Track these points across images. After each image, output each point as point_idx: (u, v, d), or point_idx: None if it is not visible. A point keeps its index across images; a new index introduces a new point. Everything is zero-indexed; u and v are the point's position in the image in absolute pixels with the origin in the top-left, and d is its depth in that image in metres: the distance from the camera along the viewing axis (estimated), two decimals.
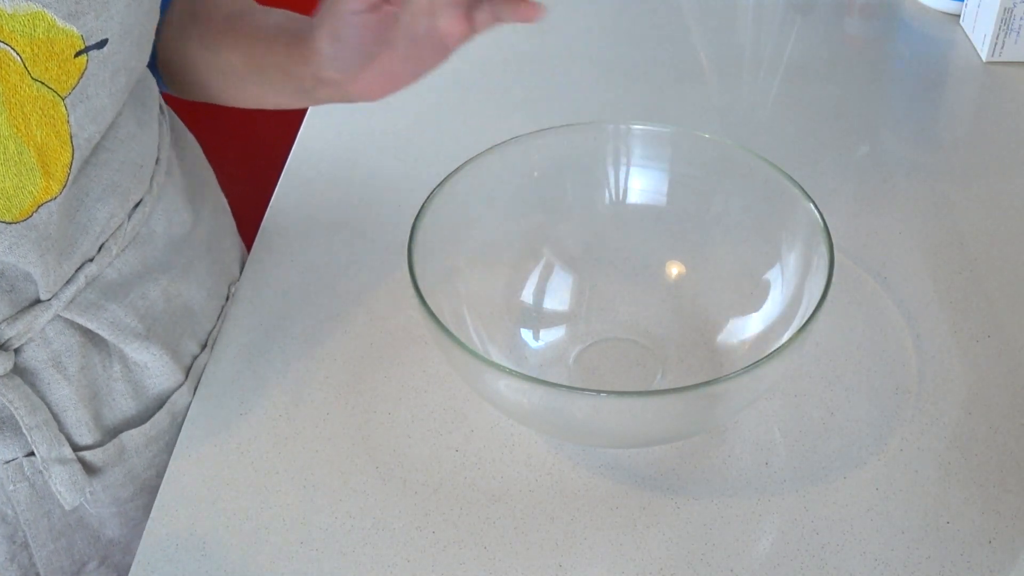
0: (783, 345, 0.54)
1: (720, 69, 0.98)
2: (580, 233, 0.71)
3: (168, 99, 0.73)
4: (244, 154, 1.29)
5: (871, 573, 0.56)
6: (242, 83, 0.68)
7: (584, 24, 1.05)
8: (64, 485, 0.61)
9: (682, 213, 0.69)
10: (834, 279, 0.57)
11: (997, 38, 0.95)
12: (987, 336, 0.69)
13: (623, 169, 0.70)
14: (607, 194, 0.70)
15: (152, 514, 0.60)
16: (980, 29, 0.97)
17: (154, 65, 0.70)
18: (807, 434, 0.63)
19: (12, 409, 0.58)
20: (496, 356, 0.64)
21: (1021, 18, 0.94)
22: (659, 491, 0.60)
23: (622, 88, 0.95)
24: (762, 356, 0.53)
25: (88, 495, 0.63)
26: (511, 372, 0.54)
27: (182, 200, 0.69)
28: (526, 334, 0.68)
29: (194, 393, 0.67)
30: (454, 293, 0.64)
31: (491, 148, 0.66)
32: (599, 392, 0.53)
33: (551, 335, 0.69)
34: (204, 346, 0.70)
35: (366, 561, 0.57)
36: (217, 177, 0.79)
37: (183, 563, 0.57)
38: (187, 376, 0.67)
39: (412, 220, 0.60)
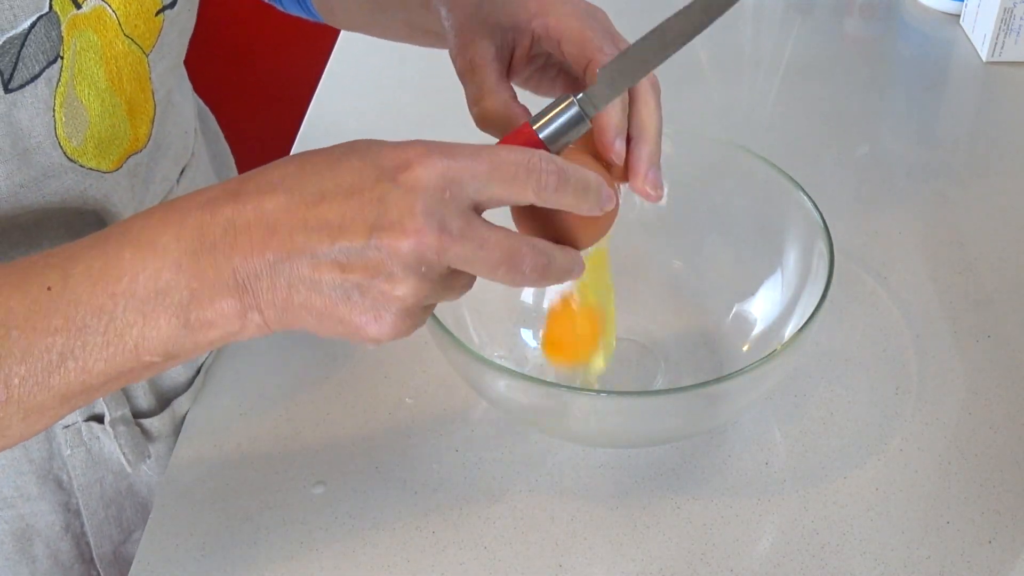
0: (783, 345, 0.54)
1: (720, 69, 0.98)
2: None
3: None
4: (243, 154, 1.28)
5: (871, 573, 0.56)
6: None
7: None
8: (128, 447, 0.62)
9: (682, 213, 0.69)
10: (834, 279, 0.57)
11: (997, 38, 0.95)
12: (987, 336, 0.69)
13: None
14: None
15: (152, 514, 0.60)
16: (980, 29, 0.97)
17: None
18: (807, 434, 0.63)
19: None
20: (496, 356, 0.64)
21: (1021, 18, 0.94)
22: (659, 491, 0.60)
23: None
24: (762, 356, 0.53)
25: (147, 460, 0.65)
26: (511, 372, 0.54)
27: (211, 171, 0.72)
28: (526, 334, 0.68)
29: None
30: None
31: None
32: (599, 392, 0.53)
33: None
34: None
35: (366, 561, 0.57)
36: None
37: (183, 563, 0.57)
38: None
39: None
